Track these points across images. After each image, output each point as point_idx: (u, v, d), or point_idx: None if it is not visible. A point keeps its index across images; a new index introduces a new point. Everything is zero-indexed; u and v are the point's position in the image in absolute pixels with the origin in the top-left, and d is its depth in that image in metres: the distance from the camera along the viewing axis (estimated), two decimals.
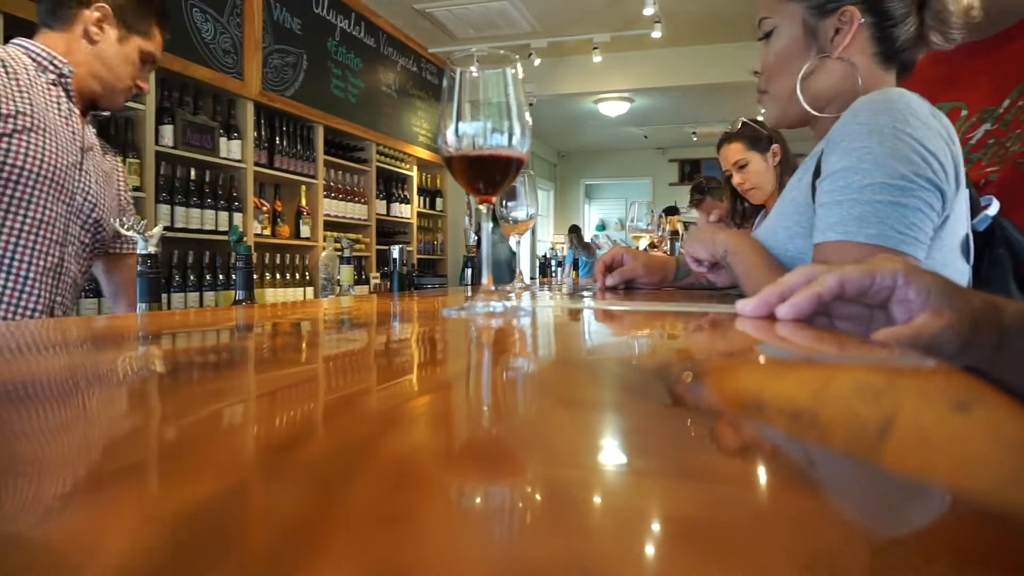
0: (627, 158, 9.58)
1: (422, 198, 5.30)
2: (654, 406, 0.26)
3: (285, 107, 3.67)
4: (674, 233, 3.06)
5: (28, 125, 1.14)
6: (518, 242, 1.16)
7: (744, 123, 2.09)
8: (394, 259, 1.81)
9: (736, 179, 2.12)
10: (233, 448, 0.20)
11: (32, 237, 1.17)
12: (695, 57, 5.40)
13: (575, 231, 7.58)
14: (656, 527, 0.14)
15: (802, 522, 0.14)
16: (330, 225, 4.11)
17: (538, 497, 0.16)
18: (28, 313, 1.19)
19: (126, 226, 0.76)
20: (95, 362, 0.39)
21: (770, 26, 0.91)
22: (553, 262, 3.29)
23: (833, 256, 0.76)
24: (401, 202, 4.98)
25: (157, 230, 0.79)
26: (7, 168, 1.12)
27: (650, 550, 0.13)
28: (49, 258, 1.21)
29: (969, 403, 0.24)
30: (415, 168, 5.15)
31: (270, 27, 3.58)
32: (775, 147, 2.06)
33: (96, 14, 1.23)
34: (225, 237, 3.12)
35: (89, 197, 1.29)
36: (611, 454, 0.20)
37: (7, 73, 1.13)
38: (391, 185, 4.91)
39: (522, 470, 0.18)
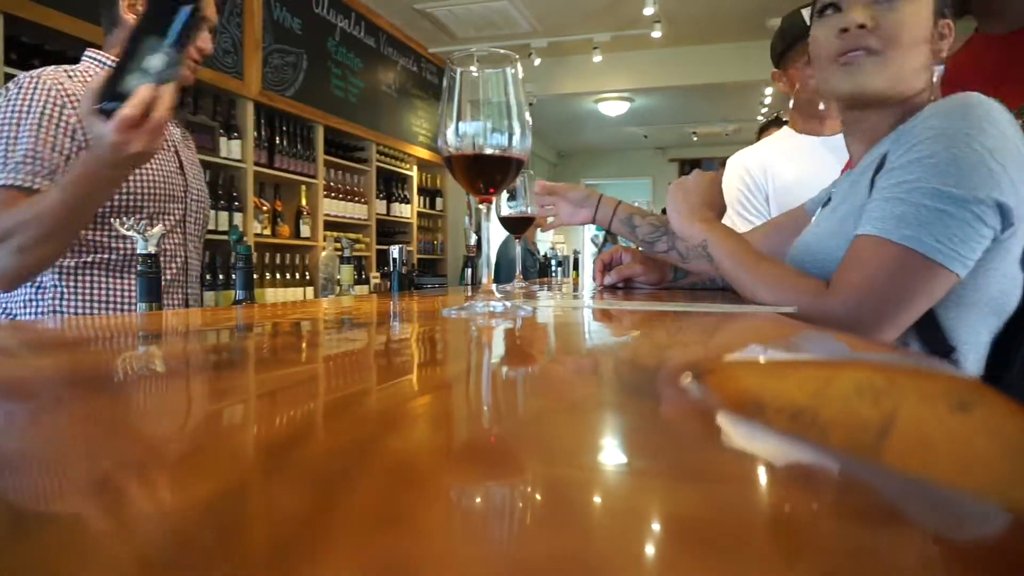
0: (627, 158, 9.56)
1: (422, 198, 5.30)
2: (654, 406, 0.26)
3: (285, 107, 3.67)
4: None
5: None
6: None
7: (778, 116, 2.11)
8: (394, 259, 1.81)
9: None
10: (233, 448, 0.20)
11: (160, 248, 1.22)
12: (695, 57, 5.40)
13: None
14: (656, 527, 0.14)
15: (802, 522, 0.14)
16: (330, 225, 4.11)
17: (538, 497, 0.16)
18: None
19: (126, 225, 0.76)
20: (91, 362, 0.39)
21: None
22: (553, 262, 3.29)
23: (864, 251, 0.73)
24: (401, 202, 4.98)
25: (157, 230, 0.79)
26: (125, 197, 1.16)
27: (650, 550, 0.13)
28: (177, 259, 1.29)
29: (969, 403, 0.24)
30: (415, 168, 5.15)
31: (270, 27, 3.58)
32: None
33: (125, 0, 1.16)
34: (225, 237, 3.11)
35: (193, 195, 1.33)
36: (611, 454, 0.20)
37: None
38: (391, 185, 4.91)
39: (522, 470, 0.18)
